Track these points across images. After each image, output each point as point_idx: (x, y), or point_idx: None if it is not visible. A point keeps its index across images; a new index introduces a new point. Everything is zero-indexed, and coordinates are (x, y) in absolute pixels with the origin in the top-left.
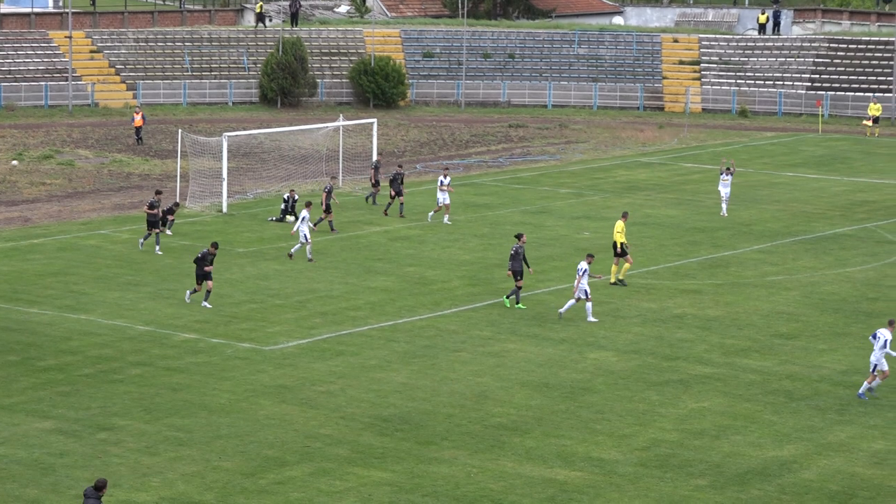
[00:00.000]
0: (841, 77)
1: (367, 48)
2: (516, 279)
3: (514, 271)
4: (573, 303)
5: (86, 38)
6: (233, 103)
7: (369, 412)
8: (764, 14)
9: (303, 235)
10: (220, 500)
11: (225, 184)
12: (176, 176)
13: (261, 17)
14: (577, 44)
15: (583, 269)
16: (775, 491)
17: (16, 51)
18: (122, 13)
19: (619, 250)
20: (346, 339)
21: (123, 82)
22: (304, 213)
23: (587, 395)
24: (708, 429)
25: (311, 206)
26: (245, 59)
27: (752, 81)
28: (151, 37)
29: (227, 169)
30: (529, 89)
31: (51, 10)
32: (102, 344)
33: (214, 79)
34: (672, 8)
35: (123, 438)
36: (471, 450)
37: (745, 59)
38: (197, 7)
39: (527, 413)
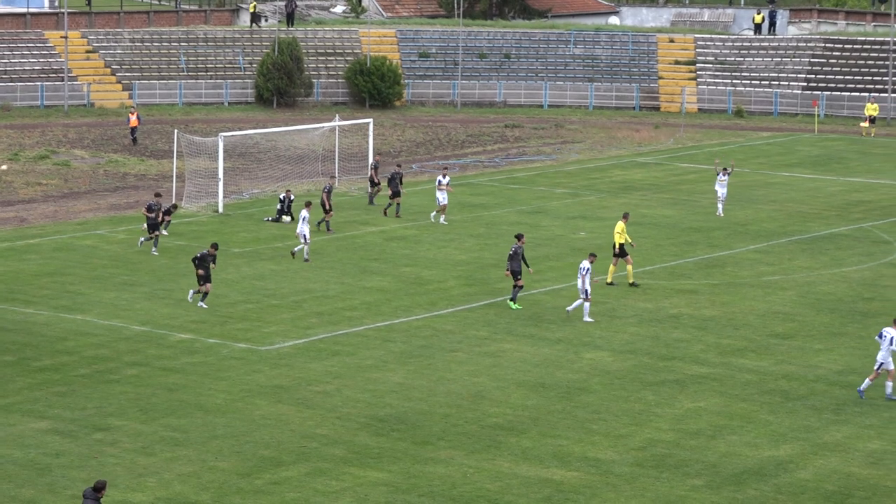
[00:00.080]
0: (837, 77)
1: (363, 48)
2: (515, 279)
3: (513, 271)
4: (579, 303)
5: (81, 38)
6: (229, 103)
7: (365, 412)
8: (760, 14)
9: (302, 236)
10: (217, 501)
11: (221, 184)
12: (172, 176)
13: (255, 16)
14: (573, 44)
15: (585, 268)
16: (771, 491)
17: (11, 51)
18: (118, 13)
19: (617, 250)
20: (343, 339)
21: (119, 82)
22: (304, 213)
23: (583, 395)
24: (704, 429)
25: (310, 206)
26: (241, 59)
27: (748, 81)
28: (147, 37)
29: (223, 169)
30: (525, 89)
31: (46, 10)
32: (98, 344)
33: (210, 79)
34: (668, 8)
35: (119, 439)
36: (467, 450)
37: (741, 59)
38: (193, 7)
39: (523, 413)
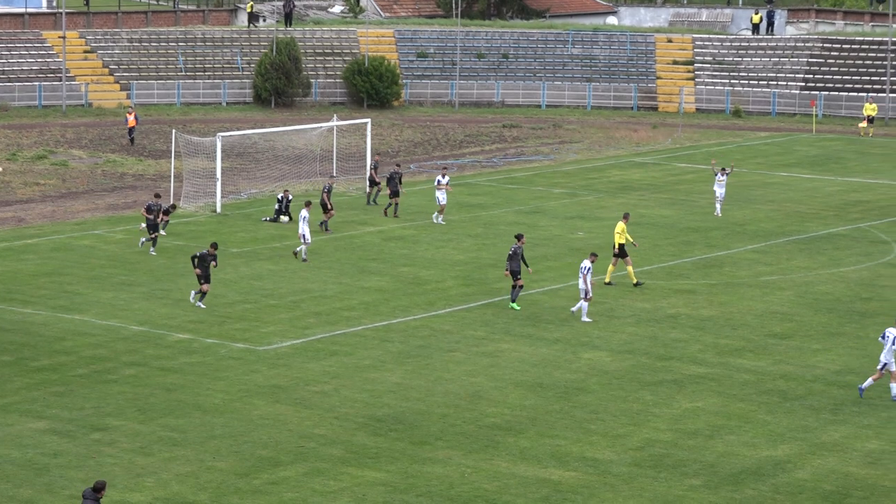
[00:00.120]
0: (835, 77)
1: (361, 48)
2: (514, 279)
3: (512, 271)
4: (583, 302)
5: (79, 38)
6: (227, 103)
7: (363, 412)
8: (758, 14)
9: (302, 235)
10: (215, 501)
11: (219, 184)
12: (170, 176)
13: (252, 16)
14: (570, 44)
15: (586, 267)
16: (769, 491)
17: (9, 51)
18: (116, 13)
19: (616, 250)
20: (340, 339)
21: (117, 82)
22: (304, 213)
23: (581, 395)
24: (702, 429)
25: (310, 206)
26: (239, 59)
27: (746, 81)
28: (145, 37)
29: (221, 169)
30: (523, 89)
31: (44, 10)
32: (96, 344)
33: (208, 79)
34: (666, 8)
35: (117, 439)
36: (465, 450)
37: (739, 59)
38: (191, 7)
39: (521, 413)
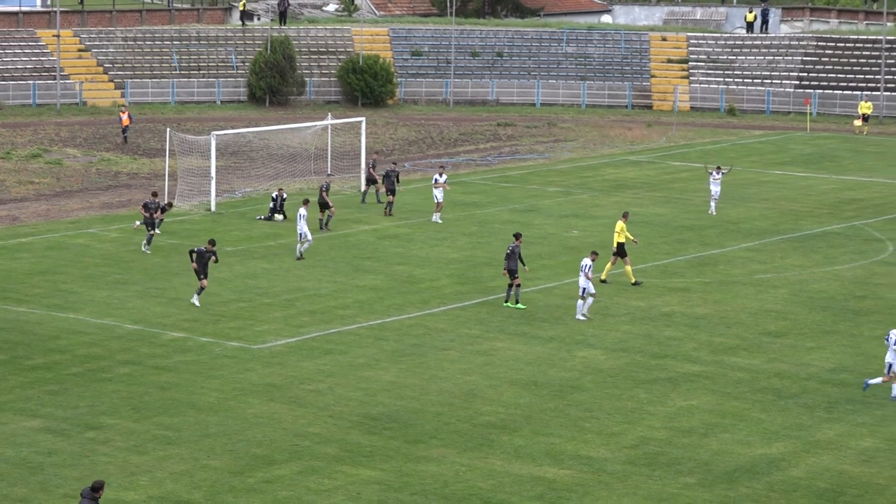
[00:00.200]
0: (829, 75)
1: (356, 47)
2: (512, 278)
3: (510, 270)
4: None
5: (74, 36)
6: (221, 102)
7: (358, 410)
8: (752, 12)
9: (301, 234)
10: (209, 499)
11: (213, 182)
12: (164, 175)
13: (245, 14)
14: (565, 42)
15: (587, 265)
16: (763, 489)
17: (3, 49)
18: (111, 12)
19: (615, 249)
20: (335, 337)
21: (111, 81)
22: (302, 211)
23: (576, 393)
24: (696, 427)
25: (308, 204)
26: (233, 57)
27: (741, 80)
28: (139, 35)
29: (216, 167)
30: (518, 88)
31: (39, 8)
32: (91, 343)
33: (203, 77)
34: (660, 6)
35: (112, 437)
36: (459, 448)
37: (734, 57)
38: (185, 6)
39: (515, 411)
